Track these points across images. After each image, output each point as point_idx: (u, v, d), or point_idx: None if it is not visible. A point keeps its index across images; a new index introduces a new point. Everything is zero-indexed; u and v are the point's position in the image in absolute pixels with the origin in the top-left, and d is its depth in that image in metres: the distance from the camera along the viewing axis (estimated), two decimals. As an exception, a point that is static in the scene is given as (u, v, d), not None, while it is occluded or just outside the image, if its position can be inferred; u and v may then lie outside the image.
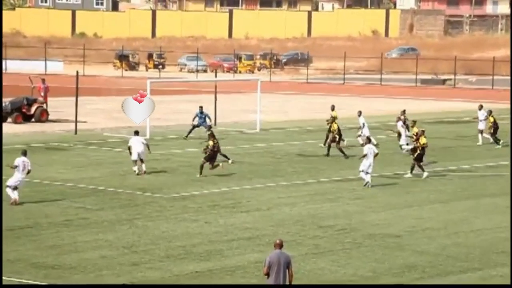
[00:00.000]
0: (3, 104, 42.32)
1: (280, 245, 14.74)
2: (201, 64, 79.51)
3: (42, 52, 77.70)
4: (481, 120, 37.06)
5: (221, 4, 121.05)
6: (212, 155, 28.18)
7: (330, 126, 32.93)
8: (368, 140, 28.12)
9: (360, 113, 35.35)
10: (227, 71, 78.29)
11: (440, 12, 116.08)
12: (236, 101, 52.85)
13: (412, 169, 28.95)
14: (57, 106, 45.35)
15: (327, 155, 32.68)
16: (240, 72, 78.79)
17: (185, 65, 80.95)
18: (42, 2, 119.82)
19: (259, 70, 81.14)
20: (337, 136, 32.30)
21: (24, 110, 42.11)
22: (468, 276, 18.27)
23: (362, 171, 27.29)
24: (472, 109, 53.42)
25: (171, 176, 28.82)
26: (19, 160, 24.30)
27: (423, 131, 29.71)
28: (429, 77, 72.70)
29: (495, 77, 68.05)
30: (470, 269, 18.74)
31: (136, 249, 19.62)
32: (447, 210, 24.52)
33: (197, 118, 36.73)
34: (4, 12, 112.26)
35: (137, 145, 28.97)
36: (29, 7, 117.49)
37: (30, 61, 76.17)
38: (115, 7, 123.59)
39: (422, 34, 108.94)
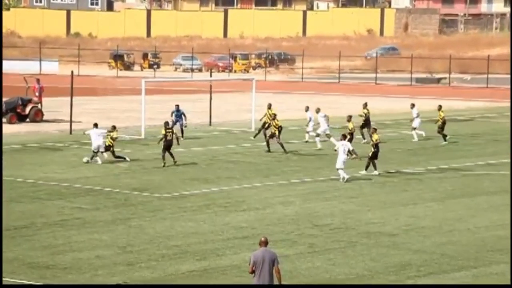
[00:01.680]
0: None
1: (265, 243, 14.68)
2: (196, 63, 79.48)
3: (37, 52, 77.59)
4: (414, 118, 37.81)
5: (216, 4, 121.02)
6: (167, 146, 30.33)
7: (265, 122, 34.61)
8: (343, 137, 28.28)
9: (307, 108, 36.44)
10: (222, 71, 78.25)
11: (435, 11, 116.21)
12: (231, 100, 52.84)
13: (367, 167, 29.02)
14: (52, 106, 45.30)
15: (268, 151, 33.38)
16: (235, 71, 78.76)
17: (180, 64, 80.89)
18: (36, 2, 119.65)
19: (254, 69, 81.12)
20: (277, 132, 33.04)
21: (18, 110, 42.04)
22: (463, 274, 18.28)
23: (338, 168, 27.62)
24: (467, 107, 53.56)
25: (167, 175, 28.79)
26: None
27: (375, 129, 30.14)
28: (424, 76, 72.77)
29: (490, 76, 68.14)
30: (465, 267, 18.75)
31: (131, 248, 19.60)
32: (442, 208, 24.55)
33: (174, 116, 36.64)
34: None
35: (96, 137, 30.13)
36: (24, 7, 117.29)
37: (25, 61, 76.00)
38: (110, 7, 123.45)
39: (417, 33, 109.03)
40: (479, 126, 44.44)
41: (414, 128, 37.85)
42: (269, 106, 35.98)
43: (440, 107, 37.45)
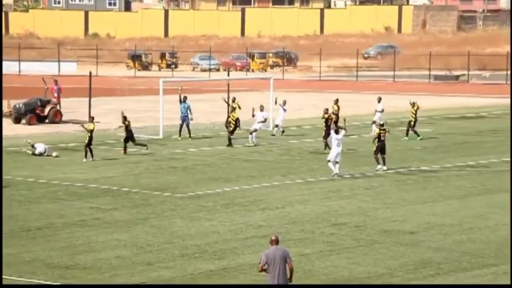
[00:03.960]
0: (17, 106, 42.50)
1: (276, 241, 14.65)
2: (213, 63, 79.46)
3: (55, 53, 77.93)
4: (379, 111, 38.09)
5: (233, 3, 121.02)
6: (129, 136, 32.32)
7: (230, 117, 35.18)
8: (336, 131, 28.50)
9: (261, 108, 36.81)
10: (240, 70, 78.23)
11: (453, 8, 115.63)
12: (249, 99, 52.85)
13: (377, 162, 29.16)
14: (71, 106, 45.48)
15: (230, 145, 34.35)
16: (252, 70, 78.72)
17: (198, 64, 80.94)
18: (55, 3, 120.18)
19: (271, 68, 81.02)
20: (233, 126, 34.40)
21: (38, 111, 42.24)
22: (484, 272, 18.19)
23: (329, 161, 27.75)
24: (486, 104, 53.27)
25: (185, 175, 28.84)
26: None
27: (382, 124, 30.36)
28: (442, 73, 72.44)
29: (509, 72, 67.70)
30: (486, 265, 18.65)
31: (150, 248, 19.64)
32: (462, 206, 24.43)
33: (180, 111, 36.51)
34: (18, 14, 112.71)
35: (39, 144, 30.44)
36: (42, 8, 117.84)
37: (44, 62, 76.35)
38: (127, 7, 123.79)
39: (435, 30, 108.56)
40: (498, 123, 44.16)
41: (374, 122, 37.54)
42: (234, 100, 36.71)
43: (413, 104, 37.04)
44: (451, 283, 17.57)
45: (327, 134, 32.23)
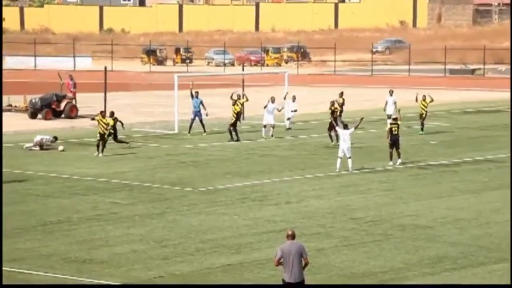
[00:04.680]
0: (33, 101, 42.69)
1: (292, 236, 14.62)
2: (228, 57, 79.49)
3: (70, 48, 78.16)
4: (392, 104, 38.17)
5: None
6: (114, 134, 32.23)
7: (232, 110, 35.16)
8: (344, 127, 28.63)
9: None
10: (254, 64, 78.20)
11: (469, 1, 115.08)
12: (264, 94, 52.82)
13: (391, 157, 29.25)
14: (86, 101, 45.63)
15: (232, 139, 34.52)
16: (267, 65, 78.68)
17: (213, 59, 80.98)
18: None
19: (286, 62, 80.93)
20: (234, 119, 34.73)
21: (54, 106, 42.42)
22: (500, 266, 18.13)
23: (340, 157, 27.85)
24: (502, 98, 53.00)
25: (201, 170, 28.89)
26: None
27: (395, 118, 30.31)
28: (457, 67, 72.17)
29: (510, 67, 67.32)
30: (502, 259, 18.59)
31: (166, 243, 19.70)
32: (478, 200, 24.36)
33: (192, 106, 36.47)
34: (33, 10, 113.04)
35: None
36: (57, 4, 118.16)
37: (59, 58, 76.63)
38: (142, 2, 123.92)
39: (450, 24, 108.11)
40: (514, 117, 43.89)
41: (389, 116, 37.42)
42: (239, 96, 36.89)
43: (424, 97, 36.81)
44: (468, 277, 17.52)
45: (331, 127, 32.76)
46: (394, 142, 29.19)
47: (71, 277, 17.23)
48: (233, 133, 34.75)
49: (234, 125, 34.90)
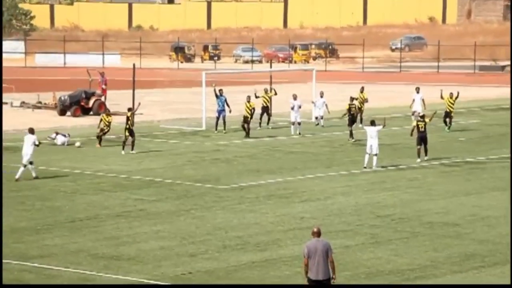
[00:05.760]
0: (62, 98, 42.98)
1: (318, 234, 14.53)
2: (256, 54, 79.48)
3: (99, 45, 78.60)
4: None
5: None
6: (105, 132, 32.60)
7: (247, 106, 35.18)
8: (371, 123, 28.50)
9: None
10: (282, 61, 78.14)
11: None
12: (292, 91, 52.75)
13: (418, 154, 29.29)
14: (114, 98, 45.84)
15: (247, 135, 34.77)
16: (295, 62, 78.58)
17: (240, 56, 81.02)
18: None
19: (314, 59, 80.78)
20: (249, 116, 34.84)
21: (82, 103, 42.67)
22: (529, 265, 17.96)
23: (368, 153, 27.87)
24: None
25: (227, 166, 28.92)
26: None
27: (423, 115, 29.96)
28: (487, 63, 71.57)
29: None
30: (531, 257, 18.42)
31: (193, 239, 19.75)
32: (506, 197, 24.13)
33: (217, 105, 36.39)
34: (63, 7, 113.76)
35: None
36: (87, 1, 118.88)
37: (88, 55, 77.13)
38: (171, 0, 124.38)
39: (480, 20, 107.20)
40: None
41: (414, 113, 37.23)
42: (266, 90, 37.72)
43: (451, 94, 36.43)
44: (496, 275, 17.38)
45: (351, 122, 33.61)
46: (422, 139, 29.08)
47: (98, 274, 17.33)
48: (246, 129, 34.80)
49: (247, 121, 34.86)
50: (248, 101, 35.19)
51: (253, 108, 35.24)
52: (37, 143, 26.24)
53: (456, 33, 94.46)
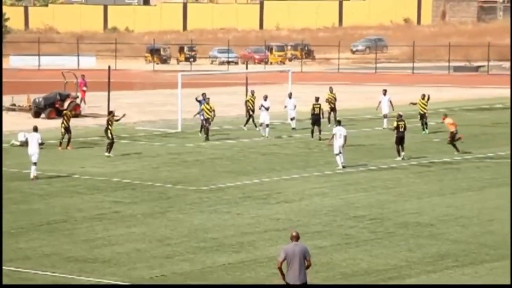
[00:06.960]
0: (37, 100, 42.77)
1: (296, 238, 14.60)
2: (232, 56, 79.50)
3: (74, 47, 78.27)
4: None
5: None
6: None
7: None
8: (338, 123, 28.96)
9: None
10: (258, 63, 78.22)
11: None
12: (268, 92, 52.85)
13: (398, 152, 29.72)
14: (90, 100, 45.70)
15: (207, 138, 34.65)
16: (271, 63, 78.69)
17: (216, 57, 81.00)
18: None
19: (290, 61, 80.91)
20: (210, 117, 34.80)
21: (57, 106, 42.48)
22: (502, 264, 18.13)
23: (336, 154, 28.17)
24: (505, 95, 52.93)
25: (203, 168, 28.92)
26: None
27: (400, 115, 30.22)
28: (462, 64, 72.08)
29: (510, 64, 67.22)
30: (504, 257, 18.59)
31: (169, 241, 19.73)
32: (480, 197, 24.35)
33: (199, 107, 36.31)
34: (38, 9, 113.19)
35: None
36: (62, 3, 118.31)
37: (63, 57, 76.76)
38: (146, 1, 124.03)
39: (455, 21, 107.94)
40: (518, 114, 43.83)
41: (385, 115, 37.63)
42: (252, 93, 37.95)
43: (424, 96, 36.69)
44: (470, 275, 17.54)
45: (315, 121, 34.36)
46: (401, 139, 29.48)
47: (73, 277, 17.27)
48: (205, 131, 34.61)
49: (208, 122, 34.70)
50: (207, 103, 34.86)
51: (213, 110, 34.88)
52: (40, 141, 26.72)
53: (431, 34, 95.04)
